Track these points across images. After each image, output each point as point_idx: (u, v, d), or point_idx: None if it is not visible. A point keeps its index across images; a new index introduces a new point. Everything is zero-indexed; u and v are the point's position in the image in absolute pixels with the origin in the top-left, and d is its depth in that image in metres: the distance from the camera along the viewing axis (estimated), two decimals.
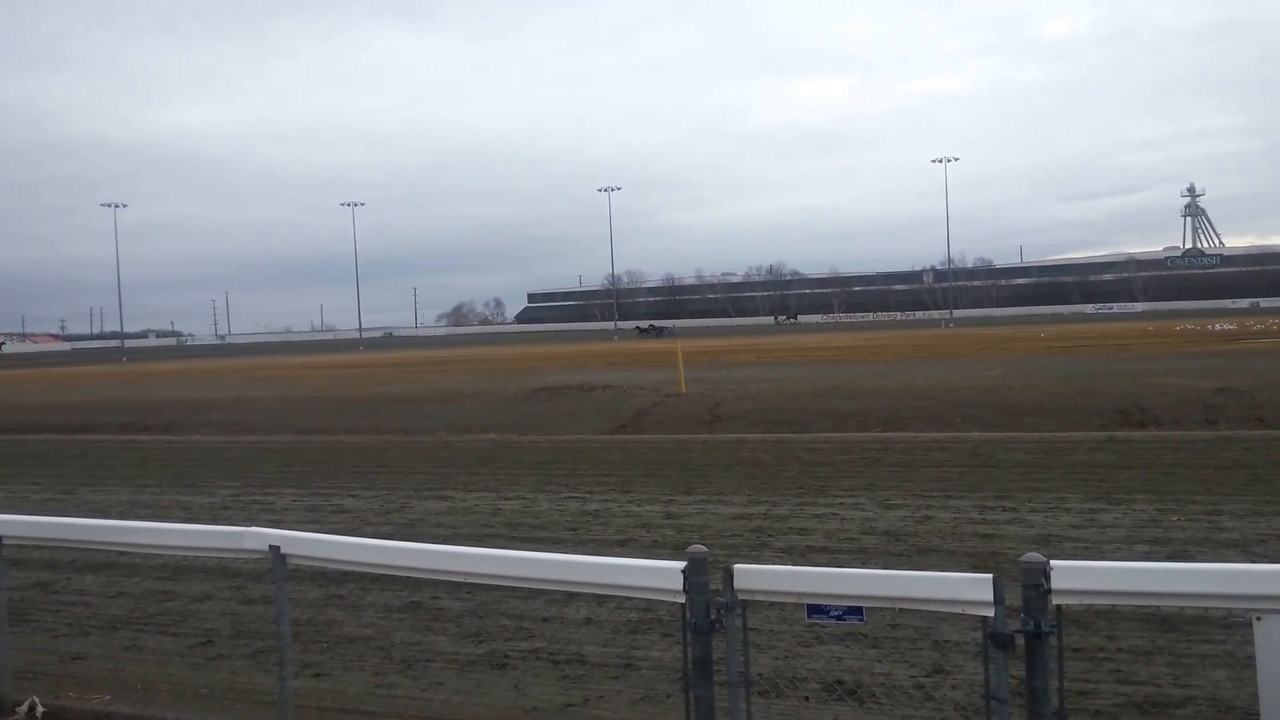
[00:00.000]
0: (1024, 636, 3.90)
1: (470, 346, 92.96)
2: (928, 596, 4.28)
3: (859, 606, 4.29)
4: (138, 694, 6.50)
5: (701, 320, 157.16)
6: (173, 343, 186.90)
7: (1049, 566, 3.90)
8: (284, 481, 15.86)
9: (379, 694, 6.36)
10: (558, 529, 11.25)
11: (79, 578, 9.87)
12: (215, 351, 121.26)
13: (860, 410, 21.60)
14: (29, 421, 28.83)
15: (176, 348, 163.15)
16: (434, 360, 59.62)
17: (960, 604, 4.07)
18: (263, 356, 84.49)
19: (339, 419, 25.43)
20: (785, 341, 68.40)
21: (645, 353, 53.20)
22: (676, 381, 27.74)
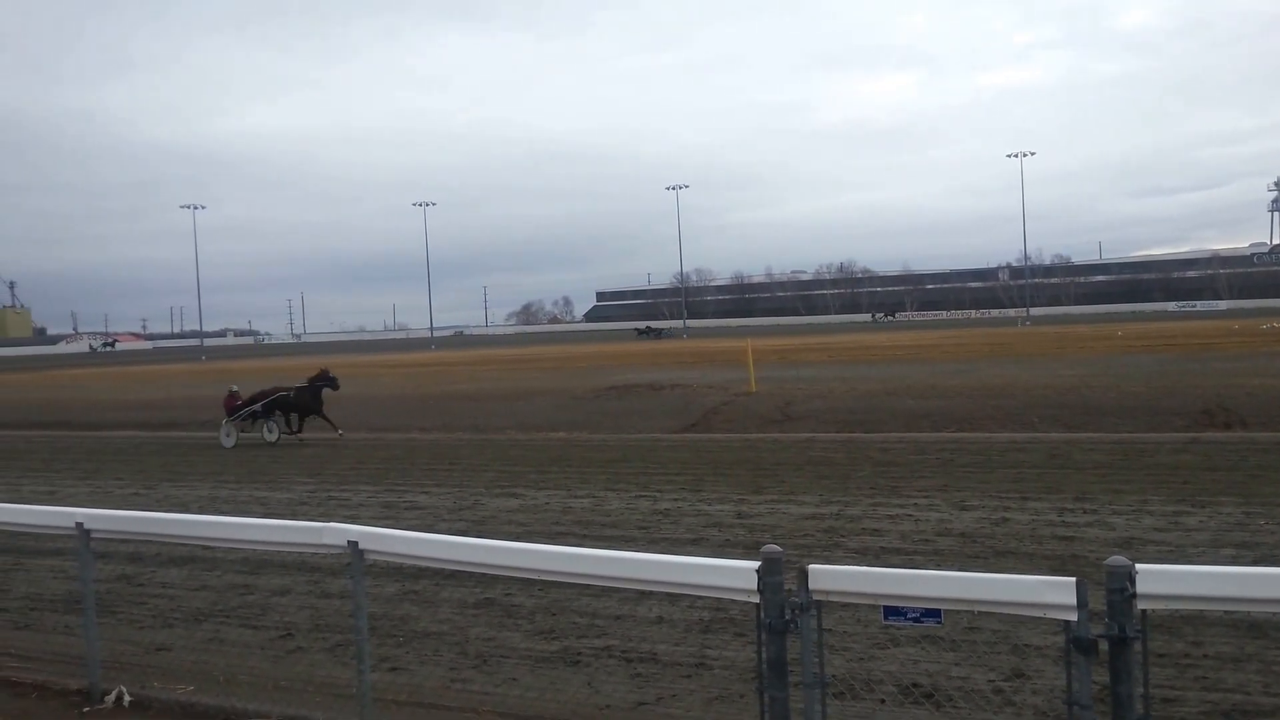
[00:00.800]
0: (1108, 641, 3.80)
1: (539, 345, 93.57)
2: (1008, 599, 4.19)
3: (937, 609, 4.23)
4: (220, 685, 6.64)
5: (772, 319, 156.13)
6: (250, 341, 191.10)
7: (1134, 570, 3.80)
8: (359, 478, 16.12)
9: (454, 689, 6.43)
10: (628, 527, 11.27)
11: (162, 571, 10.13)
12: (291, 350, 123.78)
13: (934, 410, 21.31)
14: (113, 418, 29.73)
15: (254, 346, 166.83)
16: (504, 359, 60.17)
17: (1042, 607, 3.98)
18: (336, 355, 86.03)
19: (412, 417, 25.81)
20: (856, 340, 67.71)
21: (715, 351, 53.05)
22: (746, 380, 27.63)
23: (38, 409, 33.96)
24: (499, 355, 68.71)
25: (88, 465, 19.57)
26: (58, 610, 8.87)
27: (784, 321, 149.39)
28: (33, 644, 7.88)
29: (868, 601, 4.42)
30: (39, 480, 17.44)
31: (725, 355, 47.05)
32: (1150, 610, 3.89)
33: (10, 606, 9.11)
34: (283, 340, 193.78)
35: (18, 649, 7.69)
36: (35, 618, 8.75)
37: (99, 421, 29.24)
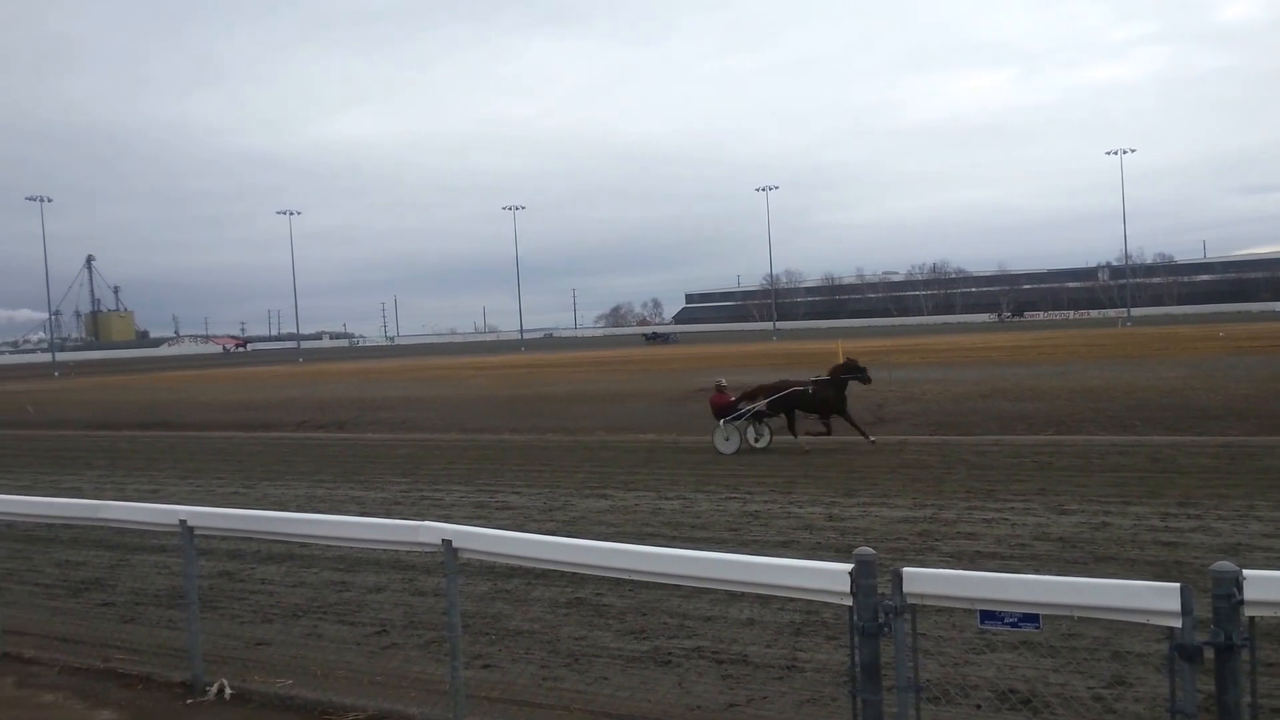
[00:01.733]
0: (1213, 649, 3.66)
1: (629, 347, 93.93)
2: (1110, 605, 4.05)
3: (1035, 614, 4.11)
4: (317, 680, 6.79)
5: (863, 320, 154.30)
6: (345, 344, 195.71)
7: (1241, 576, 3.65)
8: (451, 478, 16.35)
9: (546, 687, 6.46)
10: (718, 529, 11.21)
11: (261, 567, 10.40)
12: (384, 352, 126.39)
13: (1030, 412, 20.80)
14: (213, 419, 30.70)
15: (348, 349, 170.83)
16: (593, 361, 60.55)
17: (1145, 614, 3.86)
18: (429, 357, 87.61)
19: (503, 418, 26.10)
20: (950, 342, 66.47)
21: (805, 354, 52.57)
22: None
23: (141, 410, 35.25)
24: (588, 357, 69.16)
25: (189, 464, 20.22)
26: (162, 605, 9.15)
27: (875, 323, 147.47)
28: (139, 637, 8.14)
29: (964, 605, 4.33)
30: (143, 479, 18.08)
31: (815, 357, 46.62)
32: (1258, 618, 3.75)
33: (117, 601, 9.44)
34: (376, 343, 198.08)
35: (125, 642, 7.96)
36: (141, 612, 9.04)
37: (200, 422, 30.21)
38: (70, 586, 10.01)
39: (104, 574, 10.47)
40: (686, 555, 5.16)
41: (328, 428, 26.89)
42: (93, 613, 8.98)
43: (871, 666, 4.22)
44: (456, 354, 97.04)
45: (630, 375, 40.74)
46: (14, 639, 7.83)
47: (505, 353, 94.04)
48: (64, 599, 9.55)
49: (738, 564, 4.88)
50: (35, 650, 7.72)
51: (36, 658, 7.57)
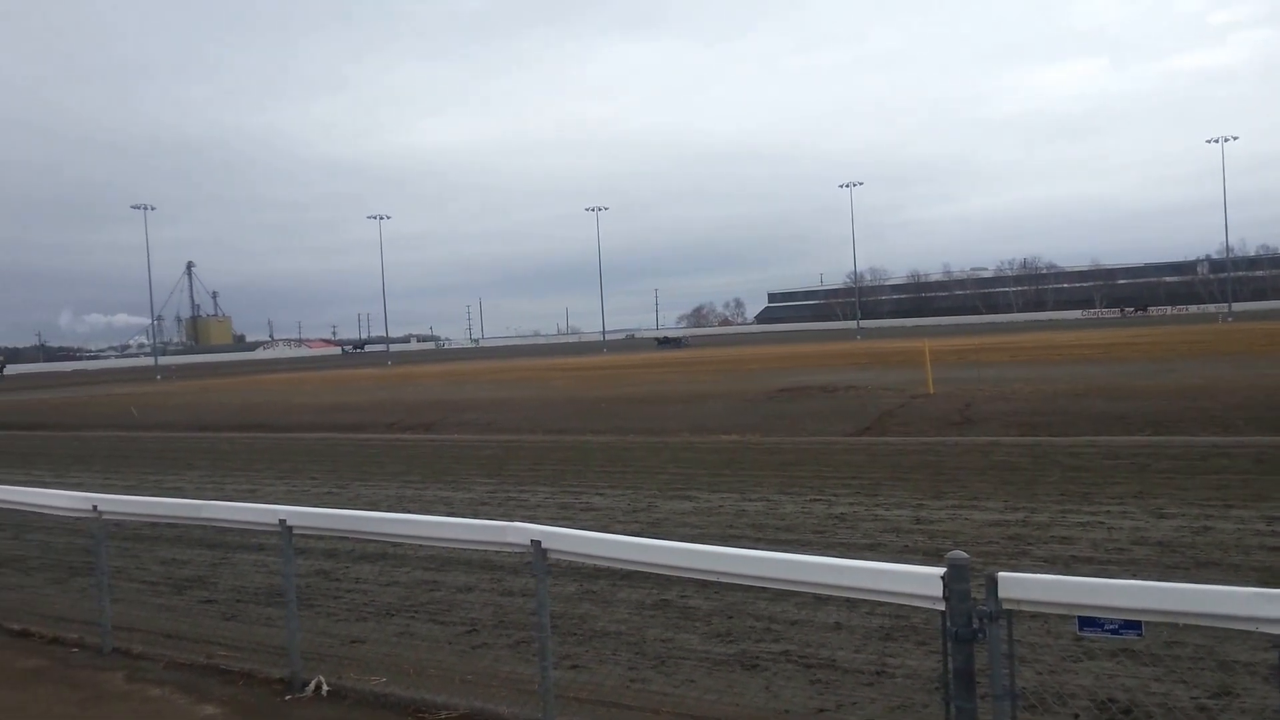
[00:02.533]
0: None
1: (711, 348, 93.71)
2: (1216, 612, 3.93)
3: (1137, 620, 3.99)
4: (410, 677, 6.91)
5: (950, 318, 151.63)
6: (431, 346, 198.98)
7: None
8: (536, 479, 16.51)
9: (634, 689, 6.48)
10: (803, 532, 11.13)
11: (356, 566, 10.63)
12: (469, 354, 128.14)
13: (1127, 412, 20.21)
14: (307, 421, 31.46)
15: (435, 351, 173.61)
16: (676, 361, 60.54)
17: (1254, 621, 3.73)
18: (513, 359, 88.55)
19: (585, 420, 26.26)
20: (1040, 339, 64.92)
21: (889, 352, 51.90)
22: (924, 382, 26.91)
23: (239, 412, 36.29)
24: (670, 358, 69.19)
25: (285, 465, 20.76)
26: (260, 602, 9.42)
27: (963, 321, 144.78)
28: (239, 634, 8.39)
29: (1061, 611, 4.23)
30: (241, 479, 18.62)
31: (900, 356, 45.97)
32: None
33: (219, 598, 9.73)
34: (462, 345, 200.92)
35: (226, 639, 8.20)
36: (240, 609, 9.31)
37: (294, 424, 30.99)
38: (174, 584, 10.36)
39: (206, 572, 10.81)
40: (774, 557, 5.14)
41: (415, 429, 27.36)
42: (196, 610, 9.28)
43: (965, 673, 4.15)
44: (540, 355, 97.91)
45: (711, 376, 40.62)
46: (123, 634, 8.13)
47: (587, 354, 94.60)
48: (169, 596, 9.89)
49: (826, 567, 4.83)
50: (143, 646, 8.01)
51: (144, 653, 7.86)
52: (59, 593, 10.31)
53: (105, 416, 38.55)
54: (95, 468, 22.17)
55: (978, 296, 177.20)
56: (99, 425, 35.43)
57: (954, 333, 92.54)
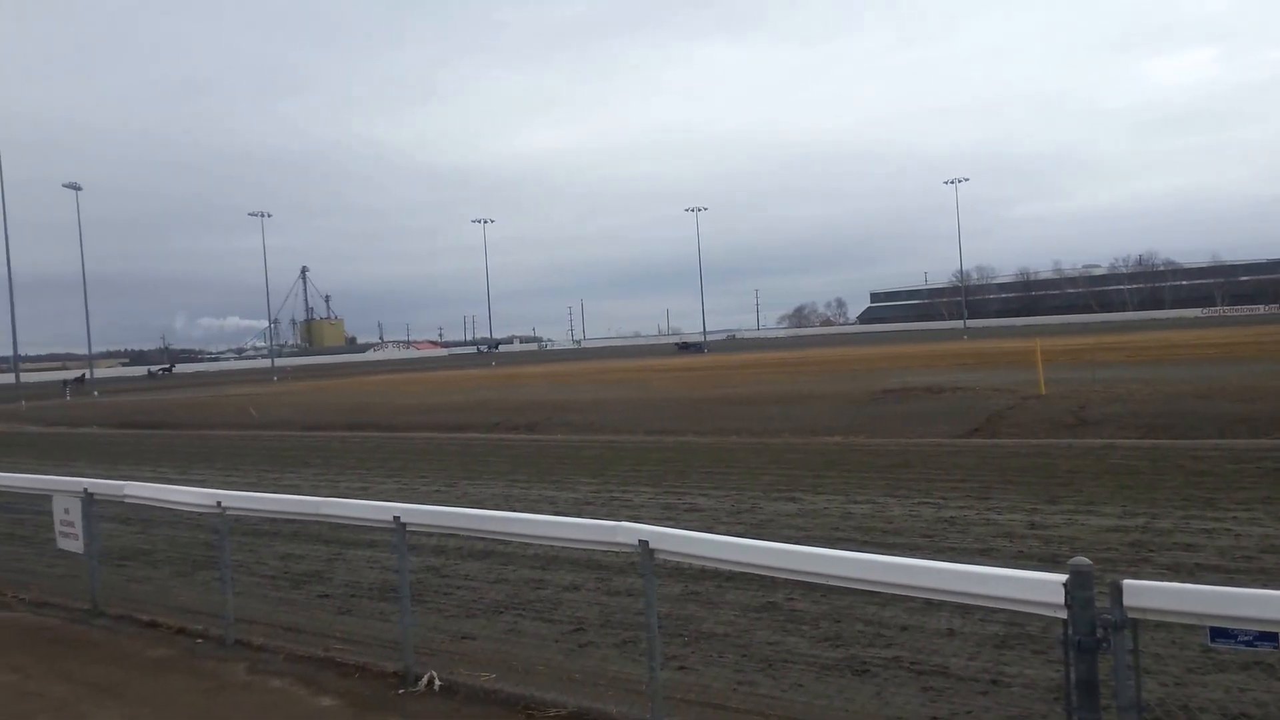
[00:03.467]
0: None
1: (812, 348, 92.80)
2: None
3: (1275, 632, 3.81)
4: (519, 674, 7.00)
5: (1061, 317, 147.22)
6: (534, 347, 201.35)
7: None
8: (639, 480, 16.57)
9: (741, 691, 6.44)
10: (911, 535, 10.93)
11: (464, 564, 10.81)
12: (572, 355, 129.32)
13: (1254, 414, 19.32)
14: (416, 421, 32.14)
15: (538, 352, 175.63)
16: (777, 362, 60.11)
17: None
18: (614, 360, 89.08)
19: (686, 420, 26.24)
20: (1158, 338, 62.60)
21: (998, 352, 50.66)
22: (1035, 382, 26.20)
23: (350, 412, 37.25)
24: (771, 358, 68.72)
25: (394, 464, 21.24)
26: (373, 597, 9.64)
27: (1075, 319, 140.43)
28: (354, 628, 8.60)
29: (1191, 621, 4.06)
30: (353, 477, 19.12)
31: (1010, 356, 44.82)
32: None
33: (334, 593, 10.00)
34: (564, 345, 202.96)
35: (342, 632, 8.43)
36: (355, 604, 9.54)
37: (403, 424, 31.69)
38: (292, 578, 10.69)
39: (322, 567, 11.12)
40: (886, 561, 5.05)
41: (519, 429, 27.72)
42: (312, 604, 9.56)
43: (1089, 684, 4.02)
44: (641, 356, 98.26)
45: (814, 376, 40.21)
46: (244, 627, 8.42)
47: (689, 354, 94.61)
48: (287, 590, 10.20)
49: (941, 571, 4.72)
50: (263, 638, 8.28)
51: (265, 645, 8.12)
52: (184, 585, 10.73)
53: (225, 416, 40.00)
54: (217, 465, 23.02)
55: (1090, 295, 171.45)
56: (220, 424, 36.79)
57: (1066, 332, 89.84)
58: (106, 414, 46.19)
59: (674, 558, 5.92)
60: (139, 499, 9.58)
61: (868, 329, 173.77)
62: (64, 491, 9.91)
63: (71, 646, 8.56)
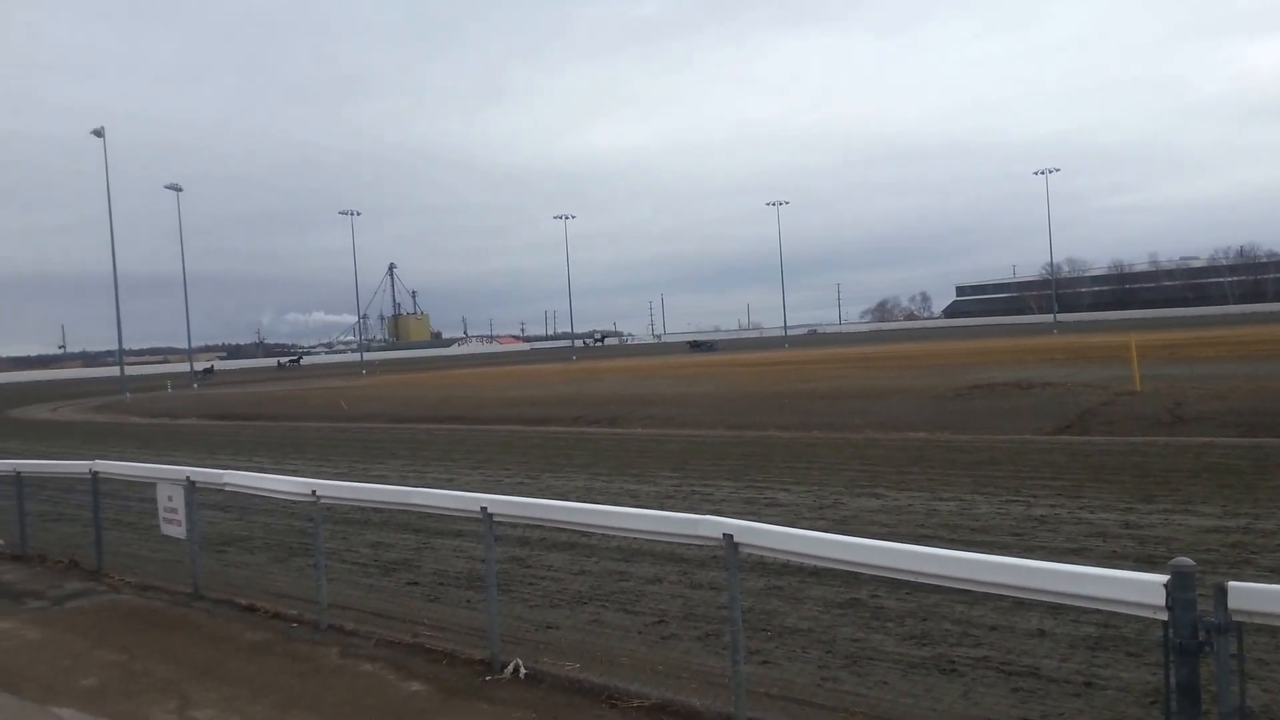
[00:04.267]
0: None
1: (895, 343, 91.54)
2: None
3: None
4: (602, 665, 7.05)
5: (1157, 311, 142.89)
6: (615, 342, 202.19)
7: None
8: (719, 474, 16.54)
9: (825, 687, 6.40)
10: (1000, 533, 10.73)
11: (547, 555, 10.93)
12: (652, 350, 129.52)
13: None
14: (499, 414, 32.54)
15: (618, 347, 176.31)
16: (859, 357, 59.44)
17: None
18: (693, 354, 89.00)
19: (767, 415, 26.11)
20: (1261, 333, 60.36)
21: (1089, 347, 49.39)
22: (1129, 378, 25.51)
23: (435, 405, 37.88)
24: (853, 353, 67.97)
25: (478, 456, 21.54)
26: (460, 586, 9.81)
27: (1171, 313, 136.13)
28: (441, 615, 8.76)
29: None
30: (439, 469, 19.45)
31: (1102, 351, 43.68)
32: None
33: (422, 581, 10.19)
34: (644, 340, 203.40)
35: (430, 619, 8.59)
36: (442, 591, 9.72)
37: (486, 417, 32.11)
38: (381, 566, 10.92)
39: (410, 555, 11.34)
40: (978, 559, 4.96)
41: (600, 423, 27.87)
42: (401, 591, 9.76)
43: (1189, 688, 3.91)
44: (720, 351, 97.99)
45: (897, 371, 39.68)
46: (337, 612, 8.64)
47: (769, 349, 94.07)
48: (377, 577, 10.43)
49: (1034, 570, 4.62)
50: (354, 623, 8.49)
51: (356, 630, 8.32)
52: (280, 571, 11.03)
53: (317, 408, 40.97)
54: (309, 455, 23.63)
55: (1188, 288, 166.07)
56: (312, 416, 37.70)
57: (1162, 326, 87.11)
58: (205, 406, 47.66)
59: (759, 552, 5.90)
60: (238, 487, 9.90)
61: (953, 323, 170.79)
62: (168, 480, 10.27)
63: (174, 628, 8.87)
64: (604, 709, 6.26)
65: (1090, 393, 24.53)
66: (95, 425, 41.57)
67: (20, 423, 45.64)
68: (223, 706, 6.73)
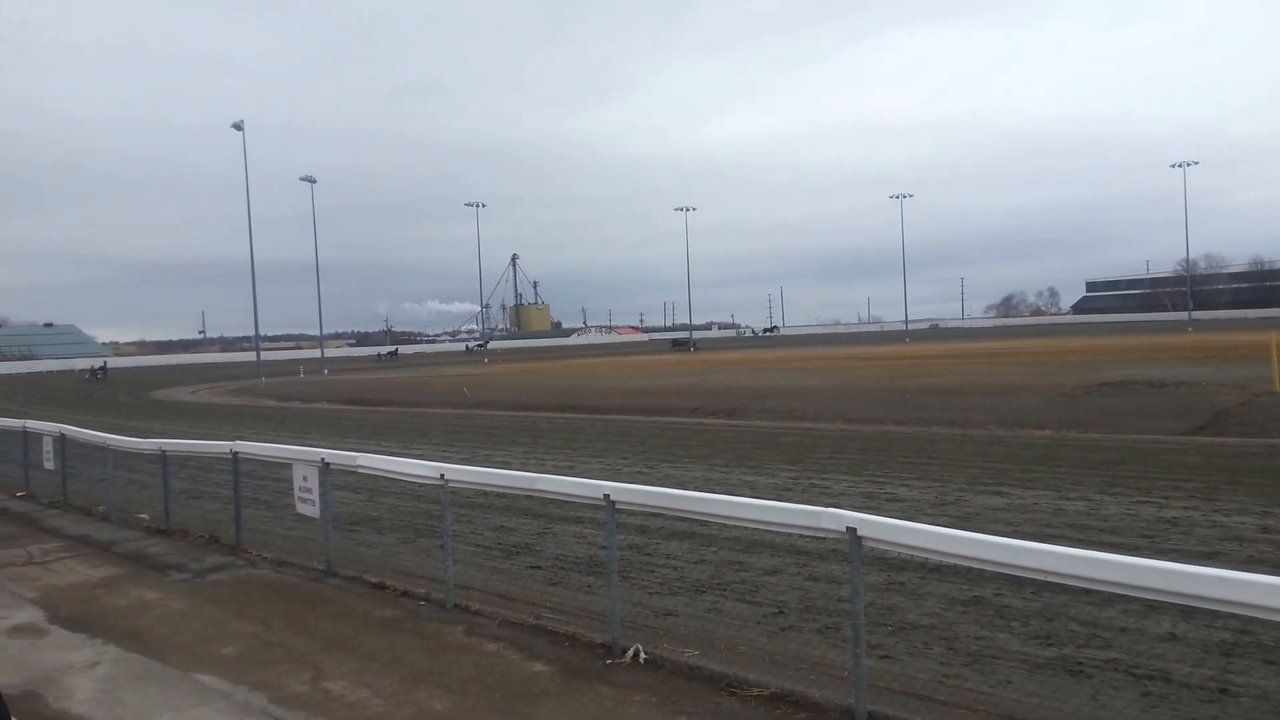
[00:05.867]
0: None
1: (1021, 338, 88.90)
2: None
3: None
4: (721, 653, 7.14)
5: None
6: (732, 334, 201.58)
7: None
8: (838, 468, 16.43)
9: (947, 684, 6.35)
10: (1129, 535, 10.42)
11: (665, 543, 11.05)
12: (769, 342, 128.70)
13: None
14: (617, 404, 32.86)
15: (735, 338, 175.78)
16: (982, 352, 57.98)
17: None
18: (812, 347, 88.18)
19: (886, 409, 25.75)
20: None
21: (1228, 346, 47.19)
22: (1268, 378, 24.33)
23: (555, 394, 38.46)
24: (976, 348, 66.32)
25: (598, 444, 21.83)
26: (580, 571, 10.01)
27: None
28: (562, 599, 8.97)
29: None
30: (559, 456, 19.78)
31: (1241, 350, 41.70)
32: None
33: (543, 565, 10.43)
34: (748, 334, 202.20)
35: (551, 602, 8.81)
36: (563, 576, 9.93)
37: (605, 406, 32.46)
38: (504, 549, 11.21)
39: (531, 540, 11.61)
40: (1108, 559, 4.87)
41: (717, 414, 27.90)
42: (524, 574, 10.01)
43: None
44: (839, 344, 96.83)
45: (1022, 367, 38.58)
46: (462, 592, 8.94)
47: (889, 343, 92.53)
48: (500, 560, 10.72)
49: (1171, 573, 4.52)
50: (479, 604, 8.76)
51: (480, 610, 8.59)
52: (408, 551, 11.43)
53: (441, 395, 42.05)
54: (434, 440, 24.32)
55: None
56: (436, 403, 38.71)
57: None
58: (335, 391, 49.38)
59: (882, 546, 5.90)
60: (370, 469, 10.29)
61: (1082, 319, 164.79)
62: (304, 461, 10.75)
63: (308, 603, 9.30)
64: (723, 697, 6.35)
65: (1226, 392, 23.49)
66: (231, 408, 43.50)
67: (162, 404, 48.05)
68: (354, 679, 7.04)
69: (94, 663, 7.71)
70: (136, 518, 14.10)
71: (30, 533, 13.75)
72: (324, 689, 6.88)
